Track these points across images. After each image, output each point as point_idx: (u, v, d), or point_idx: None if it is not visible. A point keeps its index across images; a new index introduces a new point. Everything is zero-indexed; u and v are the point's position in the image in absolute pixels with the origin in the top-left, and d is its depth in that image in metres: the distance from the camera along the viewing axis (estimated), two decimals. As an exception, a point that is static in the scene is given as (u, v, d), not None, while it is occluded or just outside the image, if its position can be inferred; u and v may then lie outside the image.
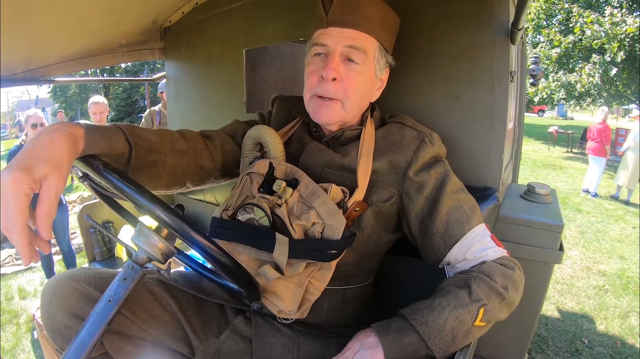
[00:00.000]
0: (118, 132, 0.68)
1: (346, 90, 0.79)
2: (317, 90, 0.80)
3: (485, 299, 0.65)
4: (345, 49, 0.78)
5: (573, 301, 2.88)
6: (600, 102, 10.14)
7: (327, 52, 0.79)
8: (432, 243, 0.77)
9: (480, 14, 0.94)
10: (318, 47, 0.80)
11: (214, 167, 0.90)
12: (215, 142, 0.92)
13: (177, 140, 0.82)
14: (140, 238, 0.63)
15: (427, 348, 0.63)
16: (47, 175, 0.50)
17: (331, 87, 0.78)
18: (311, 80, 0.81)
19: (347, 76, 0.78)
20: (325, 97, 0.79)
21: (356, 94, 0.80)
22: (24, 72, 1.45)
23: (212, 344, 0.85)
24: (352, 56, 0.78)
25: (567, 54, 9.72)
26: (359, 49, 0.77)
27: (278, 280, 0.72)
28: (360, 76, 0.79)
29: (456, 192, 0.78)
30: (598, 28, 8.43)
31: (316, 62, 0.81)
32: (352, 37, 0.77)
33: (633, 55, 8.47)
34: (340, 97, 0.79)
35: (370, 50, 0.79)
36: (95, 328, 0.61)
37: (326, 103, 0.80)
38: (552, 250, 1.02)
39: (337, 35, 0.77)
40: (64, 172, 0.52)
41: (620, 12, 8.49)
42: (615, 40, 8.29)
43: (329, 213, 0.72)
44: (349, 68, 0.78)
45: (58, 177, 0.51)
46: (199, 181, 0.88)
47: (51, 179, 0.50)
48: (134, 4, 1.36)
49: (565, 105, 12.41)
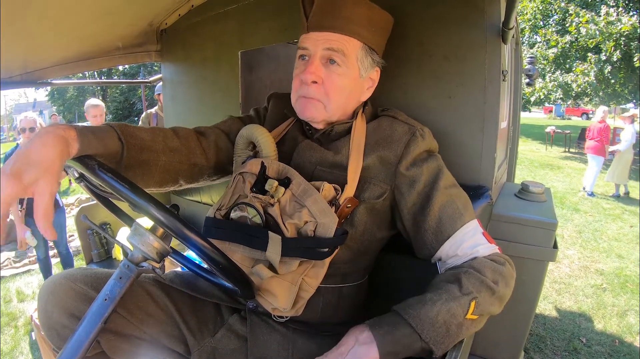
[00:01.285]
0: (111, 131, 0.69)
1: (327, 92, 0.81)
2: (300, 92, 0.83)
3: (475, 293, 0.66)
4: (324, 51, 0.80)
5: (571, 301, 2.89)
6: (596, 101, 10.20)
7: (308, 55, 0.81)
8: (424, 238, 0.78)
9: (471, 14, 0.95)
10: (301, 51, 0.83)
11: (207, 164, 0.90)
12: (209, 138, 0.92)
13: (170, 137, 0.83)
14: (135, 237, 0.63)
15: (422, 340, 0.63)
16: (37, 179, 0.51)
17: (312, 89, 0.81)
18: (295, 83, 0.84)
19: (327, 78, 0.80)
20: (307, 96, 0.82)
21: (339, 96, 0.82)
22: (21, 74, 1.46)
23: (207, 343, 0.85)
24: (333, 57, 0.80)
25: (563, 53, 9.77)
26: (337, 50, 0.79)
27: (272, 278, 0.72)
28: (341, 78, 0.81)
29: (449, 187, 0.79)
30: (593, 27, 8.48)
31: (299, 66, 0.84)
32: (331, 39, 0.79)
33: (628, 54, 8.51)
34: (321, 98, 0.81)
35: (351, 51, 0.80)
36: (91, 327, 0.62)
37: (310, 101, 0.82)
38: (546, 248, 1.02)
39: (316, 39, 0.80)
40: (55, 175, 0.53)
41: (616, 11, 8.53)
42: (610, 39, 8.34)
43: (321, 212, 0.72)
44: (330, 71, 0.80)
45: (49, 179, 0.51)
46: (191, 179, 0.89)
47: (42, 182, 0.51)
48: (131, 7, 1.36)
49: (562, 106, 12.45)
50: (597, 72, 8.91)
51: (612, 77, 8.90)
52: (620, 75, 9.01)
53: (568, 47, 9.56)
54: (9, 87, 1.47)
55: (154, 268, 0.64)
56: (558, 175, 7.99)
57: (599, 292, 3.04)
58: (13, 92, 29.82)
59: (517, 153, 2.50)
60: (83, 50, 1.55)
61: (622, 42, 8.33)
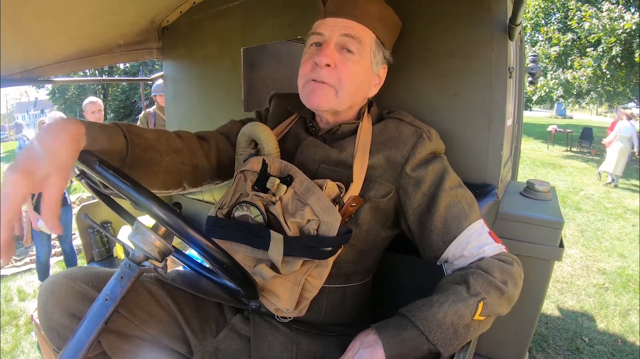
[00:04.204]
0: (116, 129, 0.69)
1: (340, 77, 0.78)
2: (310, 75, 0.80)
3: (484, 294, 0.65)
4: (341, 37, 0.78)
5: (573, 300, 2.88)
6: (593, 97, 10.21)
7: (323, 41, 0.80)
8: (430, 239, 0.77)
9: (477, 11, 0.93)
10: (315, 37, 0.81)
11: (209, 167, 0.90)
12: (210, 141, 0.92)
13: (173, 139, 0.82)
14: (137, 236, 0.62)
15: (429, 342, 0.62)
16: (49, 175, 0.51)
17: (324, 72, 0.78)
18: (305, 68, 0.81)
19: (342, 63, 0.78)
20: (318, 80, 0.79)
21: (351, 83, 0.80)
22: (22, 72, 1.45)
23: (210, 343, 0.84)
24: (348, 45, 0.78)
25: (565, 52, 9.74)
26: (354, 37, 0.78)
27: (275, 278, 0.71)
28: (355, 65, 0.79)
29: (454, 188, 0.78)
30: (596, 22, 8.45)
31: (312, 51, 0.82)
32: (349, 26, 0.78)
33: (630, 51, 8.48)
34: (333, 83, 0.79)
35: (366, 40, 0.79)
36: (92, 327, 0.61)
37: (319, 85, 0.79)
38: (552, 247, 1.01)
39: (333, 25, 0.79)
40: (67, 171, 0.53)
41: (617, 7, 8.50)
42: (612, 35, 8.32)
43: (324, 210, 0.71)
44: (344, 57, 0.79)
45: (61, 176, 0.52)
46: (194, 182, 0.88)
47: (53, 179, 0.51)
48: (132, 4, 1.36)
49: (563, 104, 12.44)
50: (595, 67, 8.89)
51: (609, 72, 8.87)
52: (621, 74, 8.98)
53: (570, 45, 9.53)
54: (9, 84, 1.46)
55: (156, 268, 0.63)
56: (560, 174, 7.97)
57: (601, 291, 3.02)
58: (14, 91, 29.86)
59: (520, 151, 2.49)
60: (84, 47, 1.54)
61: (622, 39, 8.30)
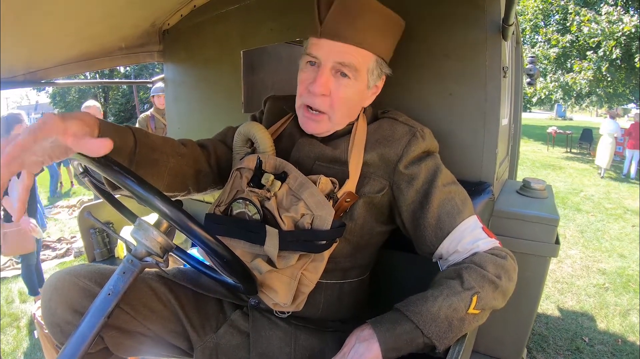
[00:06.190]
0: (126, 129, 0.71)
1: (333, 104, 0.80)
2: (305, 99, 0.81)
3: (477, 287, 0.66)
4: (336, 64, 0.77)
5: (573, 300, 2.88)
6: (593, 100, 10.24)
7: (318, 64, 0.79)
8: (424, 235, 0.78)
9: (471, 12, 0.95)
10: (310, 57, 0.80)
11: (211, 172, 0.92)
12: (209, 148, 0.94)
13: (178, 145, 0.85)
14: (139, 232, 0.64)
15: (424, 335, 0.63)
16: (76, 130, 0.51)
17: (318, 100, 0.79)
18: (301, 88, 0.82)
19: (335, 90, 0.78)
20: (313, 109, 0.81)
21: (343, 107, 0.81)
22: (24, 74, 1.47)
23: (210, 339, 0.85)
24: (344, 69, 0.77)
25: (564, 53, 9.76)
26: (349, 65, 0.77)
27: (272, 273, 0.72)
28: (349, 89, 0.79)
29: (447, 185, 0.79)
30: (595, 26, 8.48)
31: (307, 71, 0.81)
32: (344, 51, 0.76)
33: (629, 54, 8.50)
34: (326, 110, 0.80)
35: (362, 65, 0.78)
36: (94, 322, 0.62)
37: (313, 117, 0.81)
38: (548, 244, 1.02)
39: (328, 49, 0.76)
40: (74, 142, 0.50)
41: (616, 10, 8.53)
42: (612, 38, 8.34)
43: (317, 204, 0.72)
44: (339, 83, 0.78)
45: (66, 141, 0.50)
46: (199, 187, 0.90)
47: (60, 140, 0.49)
48: (133, 8, 1.37)
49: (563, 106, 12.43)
50: (595, 70, 8.91)
51: (610, 75, 8.90)
52: (621, 76, 9.00)
53: (569, 47, 9.55)
54: (11, 86, 1.48)
55: (158, 263, 0.65)
56: (560, 175, 7.98)
57: (601, 292, 3.03)
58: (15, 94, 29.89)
59: (518, 152, 2.50)
60: (86, 51, 1.56)
61: (622, 42, 8.32)
